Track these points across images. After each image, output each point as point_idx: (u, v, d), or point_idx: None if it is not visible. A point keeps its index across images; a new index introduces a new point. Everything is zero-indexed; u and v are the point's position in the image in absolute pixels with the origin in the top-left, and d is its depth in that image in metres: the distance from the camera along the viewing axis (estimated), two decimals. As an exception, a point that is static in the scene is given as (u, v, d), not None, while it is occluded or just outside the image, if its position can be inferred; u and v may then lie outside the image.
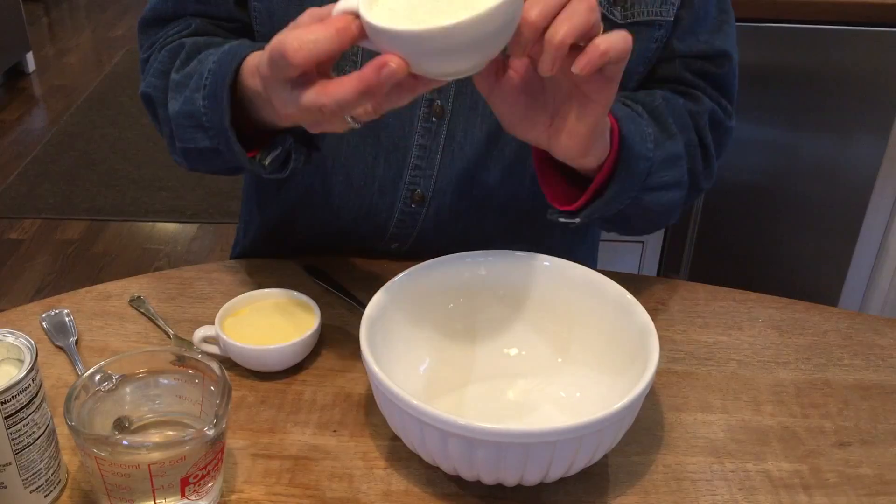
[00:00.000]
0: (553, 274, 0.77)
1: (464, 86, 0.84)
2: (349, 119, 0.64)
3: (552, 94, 0.68)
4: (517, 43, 0.61)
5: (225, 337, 0.76)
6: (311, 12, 0.63)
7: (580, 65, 0.61)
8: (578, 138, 0.69)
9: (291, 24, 0.63)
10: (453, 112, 0.86)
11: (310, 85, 0.62)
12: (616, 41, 0.62)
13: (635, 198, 0.77)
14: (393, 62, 0.59)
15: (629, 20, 0.83)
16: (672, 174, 0.81)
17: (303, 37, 0.60)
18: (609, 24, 0.82)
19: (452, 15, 0.57)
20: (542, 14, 0.60)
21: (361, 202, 0.92)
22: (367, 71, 0.59)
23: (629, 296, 0.73)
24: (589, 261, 1.01)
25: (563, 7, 0.60)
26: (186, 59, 0.81)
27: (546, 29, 0.60)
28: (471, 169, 0.89)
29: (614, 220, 0.82)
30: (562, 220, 0.78)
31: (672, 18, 0.85)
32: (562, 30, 0.59)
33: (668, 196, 0.82)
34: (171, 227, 2.65)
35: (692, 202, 0.94)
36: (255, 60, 0.71)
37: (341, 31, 0.60)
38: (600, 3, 0.80)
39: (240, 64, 0.72)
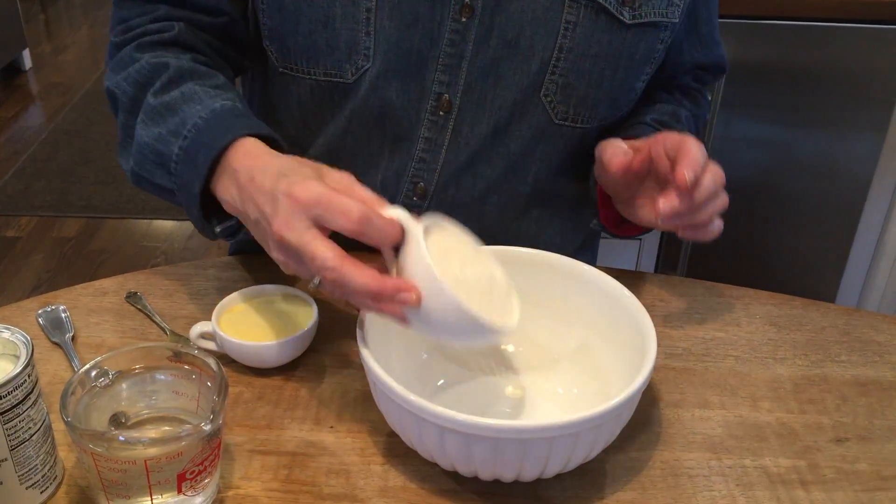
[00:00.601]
0: (551, 270, 0.77)
1: (473, 80, 0.84)
2: (315, 282, 0.66)
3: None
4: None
5: (221, 333, 0.76)
6: (356, 191, 0.65)
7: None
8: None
9: (331, 182, 0.65)
10: (461, 107, 0.86)
11: (325, 240, 0.63)
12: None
13: None
14: (414, 298, 0.61)
15: (637, 20, 0.84)
16: None
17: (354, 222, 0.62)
18: (617, 24, 0.82)
19: (500, 312, 0.63)
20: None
21: None
22: (389, 285, 0.61)
23: (627, 292, 0.73)
24: (588, 257, 1.02)
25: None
26: (168, 83, 0.80)
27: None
28: (474, 163, 0.89)
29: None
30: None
31: (677, 20, 0.86)
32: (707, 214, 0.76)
33: None
34: (167, 224, 2.64)
35: None
36: (253, 157, 0.71)
37: (386, 237, 0.63)
38: (609, 3, 0.81)
39: (231, 142, 0.72)
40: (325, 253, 0.62)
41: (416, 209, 0.92)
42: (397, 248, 0.64)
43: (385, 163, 0.90)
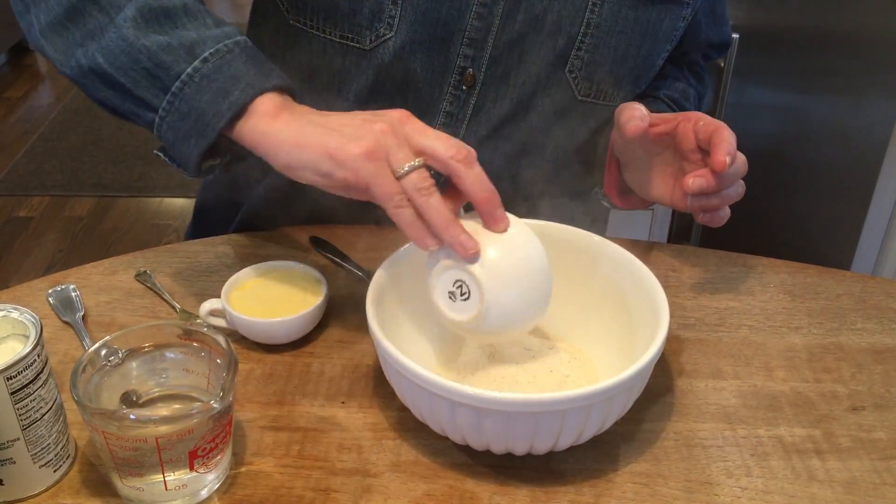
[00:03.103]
0: (563, 242, 0.77)
1: (499, 54, 0.83)
2: (405, 167, 0.64)
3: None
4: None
5: (231, 310, 0.76)
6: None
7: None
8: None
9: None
10: (485, 81, 0.85)
11: None
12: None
13: None
14: (474, 251, 0.64)
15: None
16: None
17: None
18: (643, 1, 0.82)
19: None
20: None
21: None
22: (455, 233, 0.63)
23: (639, 262, 0.72)
24: (596, 222, 1.03)
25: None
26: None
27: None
28: (493, 138, 0.88)
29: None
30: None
31: None
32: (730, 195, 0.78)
33: None
34: (179, 202, 2.65)
35: None
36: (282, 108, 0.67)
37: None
38: None
39: (272, 88, 0.68)
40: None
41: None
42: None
43: None
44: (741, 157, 0.77)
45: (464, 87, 0.85)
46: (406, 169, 0.64)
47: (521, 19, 0.82)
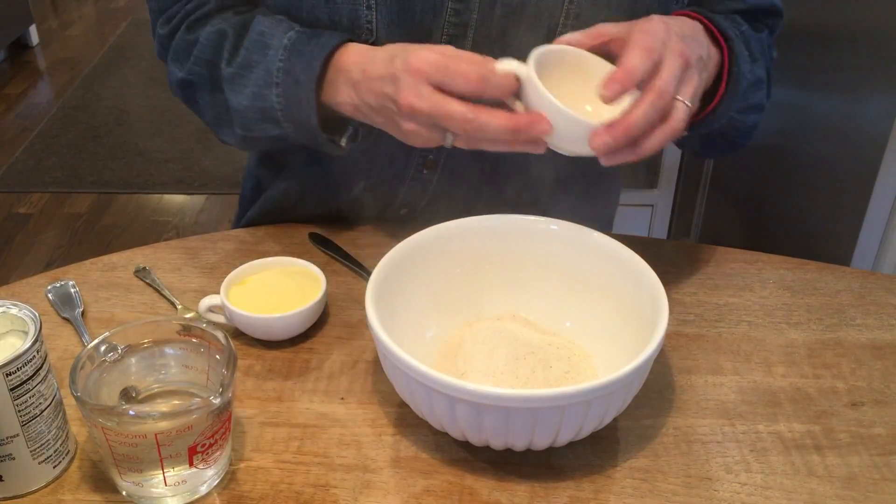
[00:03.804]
0: (562, 237, 0.77)
1: (479, 50, 0.82)
2: (449, 140, 0.71)
3: None
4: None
5: (230, 306, 0.76)
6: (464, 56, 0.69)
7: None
8: None
9: (438, 50, 0.70)
10: None
11: (453, 98, 0.68)
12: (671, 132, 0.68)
13: (730, 116, 0.79)
14: (547, 126, 0.67)
15: None
16: (757, 97, 0.84)
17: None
18: None
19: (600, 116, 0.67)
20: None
21: (374, 167, 0.91)
22: (523, 121, 0.67)
23: (638, 258, 0.72)
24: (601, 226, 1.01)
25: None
26: (234, 48, 0.82)
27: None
28: None
29: (705, 139, 0.85)
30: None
31: None
32: (648, 148, 0.68)
33: (752, 118, 0.85)
34: (178, 198, 2.64)
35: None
36: (363, 59, 0.75)
37: (505, 89, 0.69)
38: None
39: (323, 61, 0.76)
40: (460, 107, 0.68)
41: (427, 182, 0.91)
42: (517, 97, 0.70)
43: (393, 136, 0.88)
44: (655, 90, 0.66)
45: None
46: (450, 141, 0.72)
47: (499, 13, 0.81)
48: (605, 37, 0.72)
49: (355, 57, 0.76)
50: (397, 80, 0.70)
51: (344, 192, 0.94)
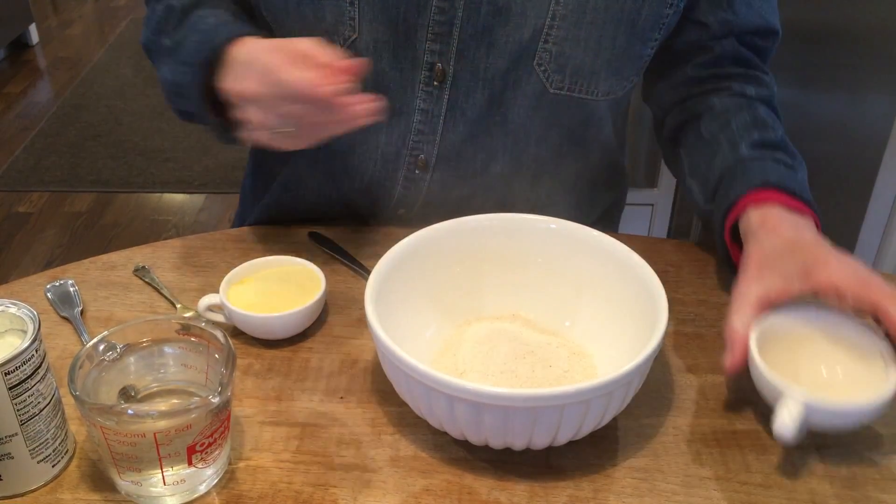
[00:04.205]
0: (560, 236, 0.76)
1: (466, 48, 0.83)
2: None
3: None
4: None
5: (230, 305, 0.76)
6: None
7: None
8: None
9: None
10: (455, 76, 0.84)
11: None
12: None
13: None
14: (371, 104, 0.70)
15: None
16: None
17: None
18: None
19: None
20: None
21: (366, 169, 0.91)
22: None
23: (638, 258, 0.72)
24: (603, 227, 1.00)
25: None
26: (178, 23, 0.84)
27: None
28: (474, 133, 0.88)
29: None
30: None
31: None
32: None
33: None
34: (178, 197, 2.64)
35: None
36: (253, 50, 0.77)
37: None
38: None
39: (221, 49, 0.78)
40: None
41: (420, 182, 0.91)
42: None
43: (384, 136, 0.88)
44: None
45: (435, 83, 0.84)
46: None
47: (485, 11, 0.81)
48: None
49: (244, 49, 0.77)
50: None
51: (341, 193, 0.94)
